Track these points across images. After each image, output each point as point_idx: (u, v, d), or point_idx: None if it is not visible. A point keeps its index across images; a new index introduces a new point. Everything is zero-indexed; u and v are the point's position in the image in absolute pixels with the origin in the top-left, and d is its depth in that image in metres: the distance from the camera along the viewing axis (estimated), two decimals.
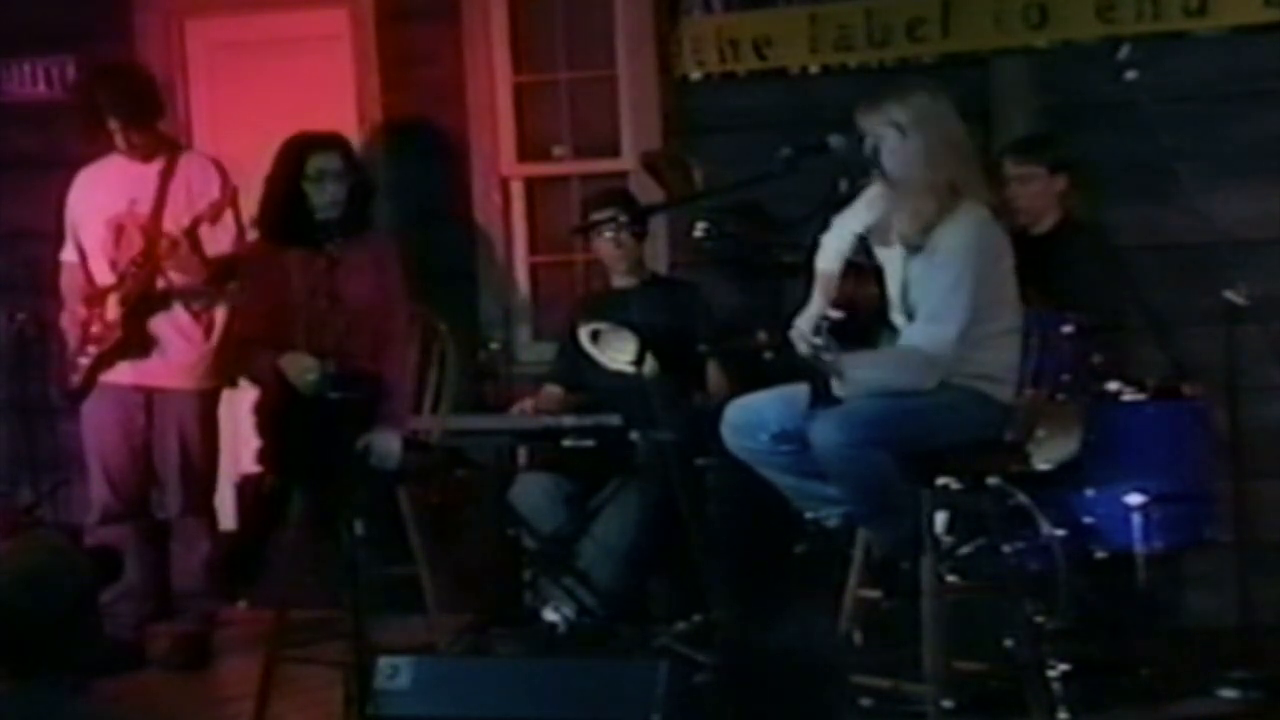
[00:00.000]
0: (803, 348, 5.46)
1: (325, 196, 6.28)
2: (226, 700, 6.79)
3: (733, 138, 7.39)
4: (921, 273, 5.54)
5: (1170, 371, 6.57)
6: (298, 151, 6.37)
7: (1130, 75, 6.26)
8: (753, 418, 5.68)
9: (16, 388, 8.40)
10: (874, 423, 5.40)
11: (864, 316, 5.57)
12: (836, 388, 5.42)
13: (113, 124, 7.04)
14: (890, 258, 5.64)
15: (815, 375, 5.43)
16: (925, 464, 5.51)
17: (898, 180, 5.57)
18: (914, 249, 5.55)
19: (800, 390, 5.53)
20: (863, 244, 5.68)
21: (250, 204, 6.75)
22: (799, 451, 5.57)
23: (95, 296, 7.14)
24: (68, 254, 7.28)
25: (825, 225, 5.84)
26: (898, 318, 5.61)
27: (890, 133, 5.56)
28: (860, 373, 5.46)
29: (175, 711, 6.66)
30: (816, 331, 5.36)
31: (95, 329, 7.12)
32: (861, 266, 5.65)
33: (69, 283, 7.26)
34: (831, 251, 5.76)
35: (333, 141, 6.46)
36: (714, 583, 6.33)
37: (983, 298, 5.51)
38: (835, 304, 5.55)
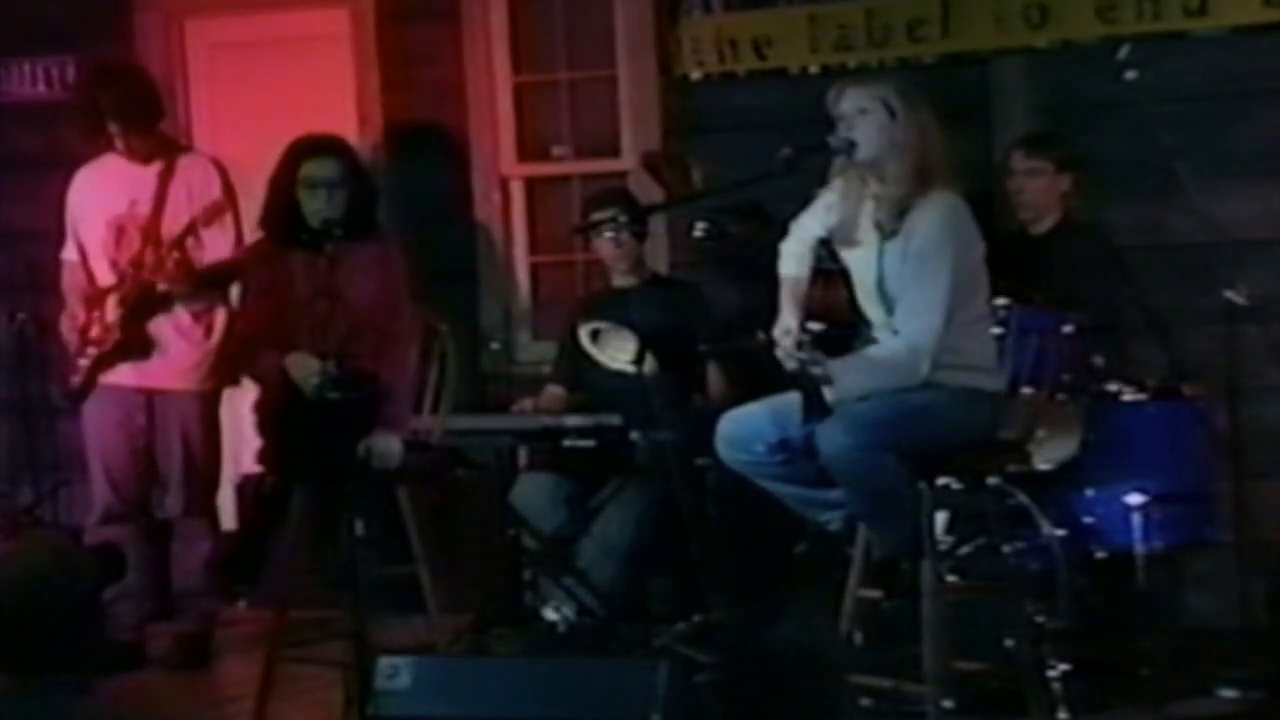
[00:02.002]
0: (790, 364, 5.46)
1: (317, 202, 6.26)
2: (226, 700, 6.79)
3: (733, 138, 7.39)
4: (898, 261, 5.54)
5: (1170, 371, 6.58)
6: (294, 156, 6.36)
7: (1130, 75, 6.27)
8: (746, 430, 5.68)
9: (16, 388, 8.41)
10: (880, 425, 5.40)
11: (840, 323, 5.58)
12: (829, 396, 5.42)
13: (113, 127, 7.04)
14: (858, 255, 5.64)
15: (806, 388, 5.43)
16: (925, 464, 5.51)
17: (878, 161, 5.57)
18: (889, 234, 5.56)
19: (791, 399, 5.54)
20: (825, 248, 5.69)
21: (252, 205, 6.76)
22: (795, 460, 5.58)
23: (95, 297, 7.14)
24: (68, 252, 7.29)
25: (783, 232, 5.85)
26: (873, 309, 5.61)
27: (878, 109, 5.56)
28: (851, 378, 5.46)
29: (175, 711, 6.66)
30: (799, 347, 5.36)
31: (95, 330, 7.12)
32: (829, 272, 5.66)
33: (70, 282, 7.26)
34: (793, 257, 5.76)
35: (329, 147, 6.41)
36: (714, 583, 6.33)
37: (960, 282, 5.52)
38: (811, 315, 5.56)
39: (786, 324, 5.57)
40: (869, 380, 5.49)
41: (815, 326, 5.50)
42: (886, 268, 5.56)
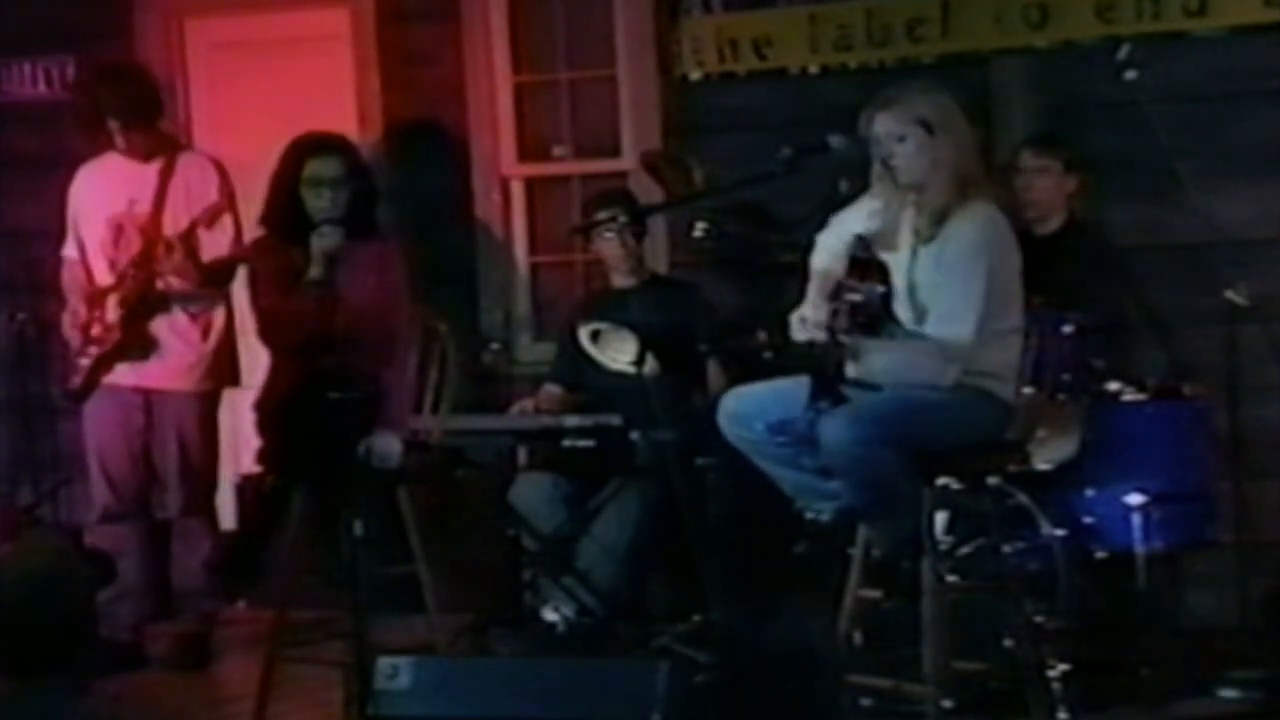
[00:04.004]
0: (818, 334, 5.44)
1: (321, 201, 6.22)
2: (226, 700, 6.80)
3: (733, 138, 7.39)
4: (931, 268, 5.53)
5: (1170, 371, 6.58)
6: (297, 154, 6.34)
7: (1130, 75, 6.27)
8: (750, 407, 5.68)
9: (16, 388, 8.41)
10: (883, 421, 5.40)
11: (873, 309, 5.57)
12: (850, 370, 5.42)
13: (112, 124, 7.05)
14: (895, 259, 5.64)
15: (820, 366, 5.43)
16: (926, 463, 5.51)
17: (918, 181, 5.56)
18: (925, 239, 5.55)
19: (799, 383, 5.53)
20: (864, 243, 5.67)
21: (251, 205, 6.75)
22: (794, 443, 5.57)
23: (95, 297, 7.14)
24: (68, 250, 7.29)
25: (823, 225, 5.84)
26: (903, 312, 5.60)
27: (916, 131, 5.55)
28: (879, 359, 5.46)
29: (175, 711, 6.66)
30: (834, 314, 5.36)
31: (96, 330, 7.13)
32: (867, 262, 5.66)
33: (70, 279, 7.26)
34: (827, 250, 5.75)
35: (333, 146, 6.38)
36: (714, 583, 6.33)
37: (994, 293, 5.52)
38: (850, 289, 5.55)
39: (804, 312, 5.57)
40: (897, 365, 5.49)
41: (854, 296, 5.48)
42: (918, 275, 5.55)
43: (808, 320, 5.53)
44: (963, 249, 5.51)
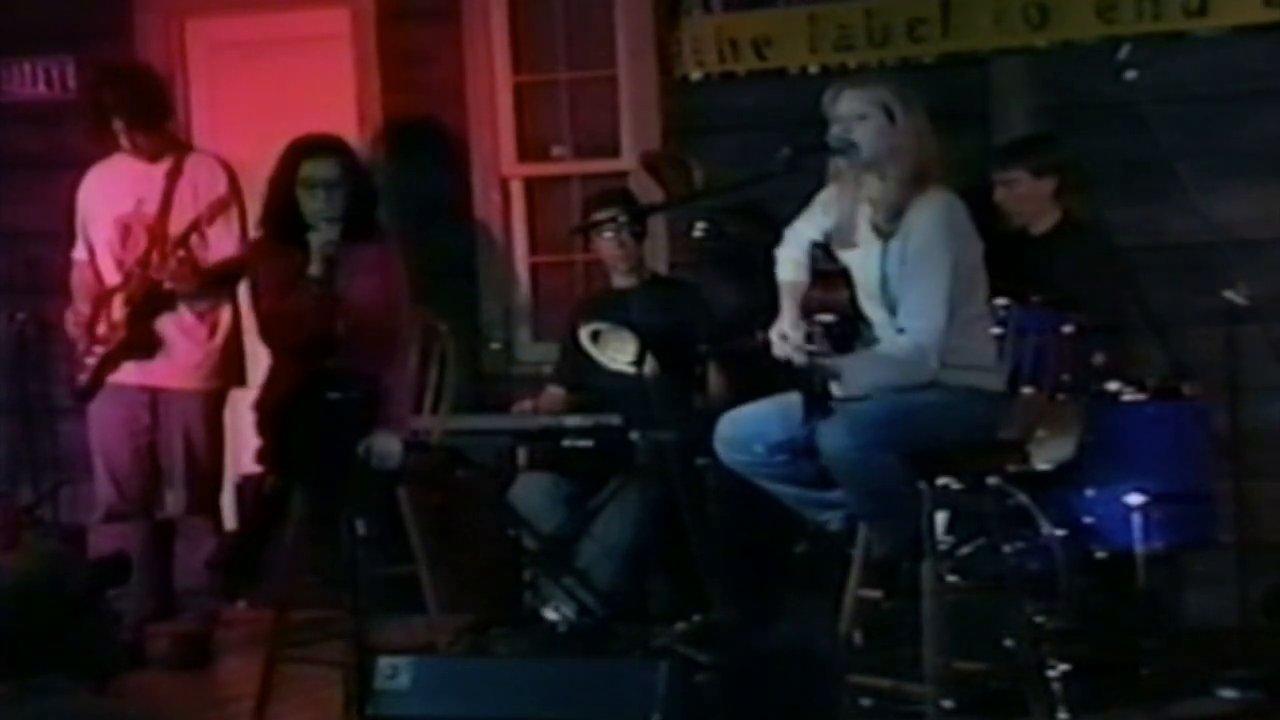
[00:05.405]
0: (798, 358, 5.45)
1: (316, 202, 6.23)
2: (226, 700, 6.80)
3: (733, 138, 7.39)
4: (899, 261, 5.54)
5: (1170, 371, 6.58)
6: (293, 156, 6.35)
7: (1130, 75, 6.27)
8: (746, 430, 5.68)
9: (16, 388, 8.41)
10: (881, 425, 5.41)
11: (843, 320, 5.59)
12: (836, 390, 5.42)
13: (117, 125, 7.05)
14: (857, 255, 5.64)
15: (810, 384, 5.44)
16: (926, 464, 5.51)
17: (875, 163, 5.57)
18: (887, 235, 5.56)
19: (791, 400, 5.54)
20: (822, 250, 5.69)
21: (252, 205, 6.76)
22: (795, 461, 5.58)
23: (102, 296, 7.15)
24: (78, 252, 7.29)
25: (778, 237, 5.86)
26: (874, 311, 5.61)
27: (877, 113, 5.57)
28: (861, 374, 5.46)
29: (175, 711, 6.66)
30: (809, 339, 5.37)
31: (101, 329, 7.13)
32: (828, 272, 5.67)
33: (78, 281, 7.26)
34: (790, 263, 5.76)
35: (328, 148, 6.39)
36: (714, 583, 6.33)
37: (959, 280, 5.53)
38: (819, 309, 5.57)
39: (783, 329, 5.58)
40: (878, 377, 5.50)
41: (826, 318, 5.50)
42: (889, 269, 5.56)
43: (788, 338, 5.54)
44: (926, 238, 5.51)
